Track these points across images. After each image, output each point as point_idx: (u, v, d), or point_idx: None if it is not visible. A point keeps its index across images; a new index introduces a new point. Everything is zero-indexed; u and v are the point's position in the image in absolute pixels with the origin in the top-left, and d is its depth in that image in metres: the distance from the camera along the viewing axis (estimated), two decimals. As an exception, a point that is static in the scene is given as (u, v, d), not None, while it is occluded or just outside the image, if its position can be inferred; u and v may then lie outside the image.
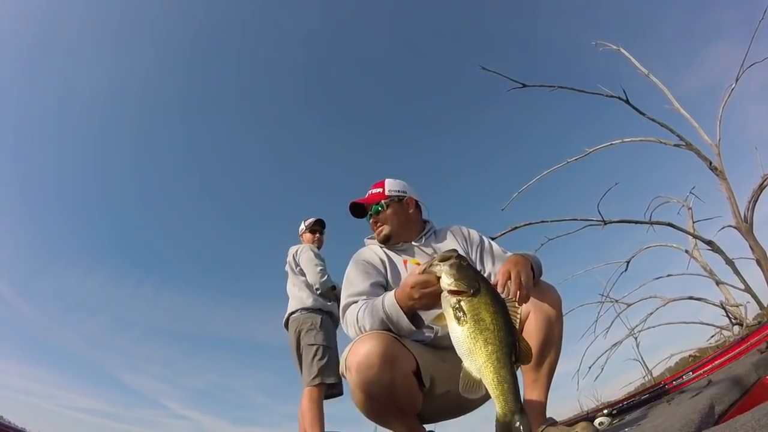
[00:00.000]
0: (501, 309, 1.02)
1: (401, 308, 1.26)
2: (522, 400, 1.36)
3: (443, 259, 1.11)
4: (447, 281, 1.06)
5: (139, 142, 20.24)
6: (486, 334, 0.99)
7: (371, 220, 1.73)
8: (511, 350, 0.99)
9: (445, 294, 1.06)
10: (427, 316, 1.33)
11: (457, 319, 1.02)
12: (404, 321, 1.27)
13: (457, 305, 1.02)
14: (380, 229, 1.70)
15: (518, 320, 1.05)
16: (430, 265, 1.14)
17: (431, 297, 1.15)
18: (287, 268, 3.23)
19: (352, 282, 1.53)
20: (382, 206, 1.72)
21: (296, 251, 3.16)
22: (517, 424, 0.93)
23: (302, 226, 3.43)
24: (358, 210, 1.79)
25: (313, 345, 2.77)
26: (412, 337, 1.42)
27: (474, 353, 0.98)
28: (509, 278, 1.20)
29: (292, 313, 3.00)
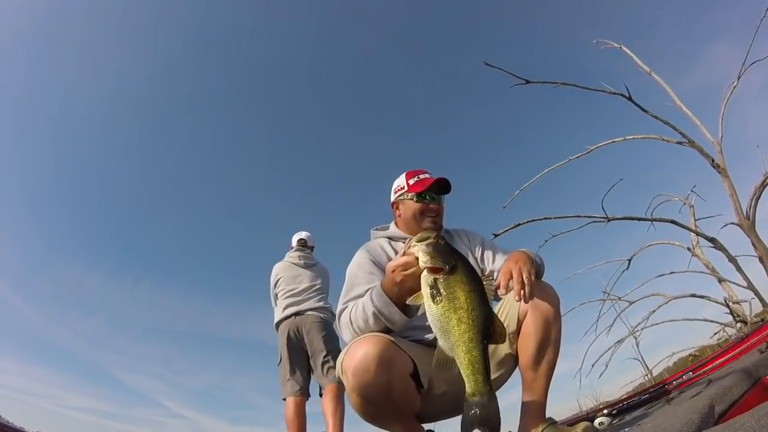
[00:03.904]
0: (476, 287, 1.03)
1: (390, 298, 1.25)
2: (522, 400, 1.39)
3: (420, 240, 1.12)
4: (423, 259, 1.07)
5: (139, 139, 20.29)
6: (459, 312, 1.00)
7: (435, 205, 1.62)
8: (485, 329, 1.00)
9: (423, 273, 1.07)
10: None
11: (432, 297, 1.02)
12: (394, 310, 1.26)
13: (433, 283, 1.03)
14: (438, 219, 1.65)
15: (492, 296, 1.05)
16: (409, 247, 1.15)
17: (412, 278, 1.14)
18: (321, 268, 3.41)
19: (354, 285, 1.48)
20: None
21: None
22: (485, 403, 0.96)
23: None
24: (441, 186, 1.65)
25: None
26: (411, 336, 1.42)
27: (447, 332, 1.00)
28: (511, 278, 1.19)
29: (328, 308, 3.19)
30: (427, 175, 1.66)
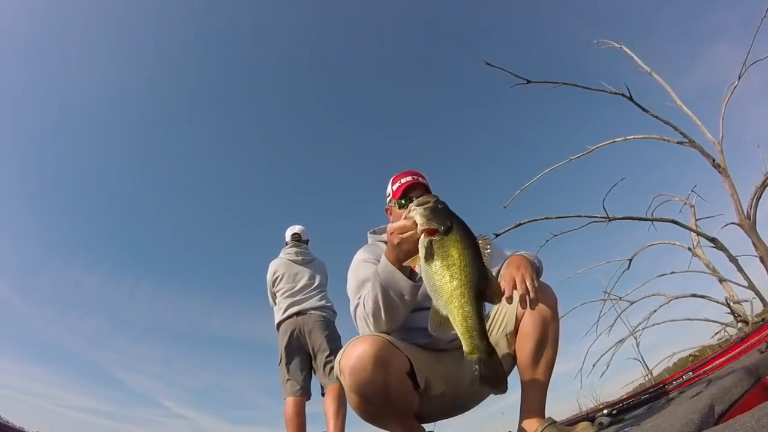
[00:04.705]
0: (470, 245, 1.02)
1: (393, 265, 1.22)
2: (521, 400, 1.39)
3: (420, 204, 1.11)
4: (420, 222, 1.07)
5: (139, 139, 20.31)
6: (452, 269, 0.99)
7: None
8: (480, 286, 0.99)
9: (421, 237, 1.07)
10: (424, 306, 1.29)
11: (427, 258, 1.02)
12: (399, 276, 1.22)
13: (428, 245, 1.03)
14: None
15: (487, 258, 1.04)
16: (409, 211, 1.14)
17: (410, 242, 1.13)
18: (319, 263, 3.40)
19: (364, 280, 1.43)
20: None
21: None
22: (484, 360, 0.94)
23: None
24: (414, 191, 1.57)
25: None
26: (410, 339, 1.41)
27: (440, 289, 0.99)
28: (515, 286, 1.19)
29: (329, 307, 3.21)
30: (408, 178, 1.62)
